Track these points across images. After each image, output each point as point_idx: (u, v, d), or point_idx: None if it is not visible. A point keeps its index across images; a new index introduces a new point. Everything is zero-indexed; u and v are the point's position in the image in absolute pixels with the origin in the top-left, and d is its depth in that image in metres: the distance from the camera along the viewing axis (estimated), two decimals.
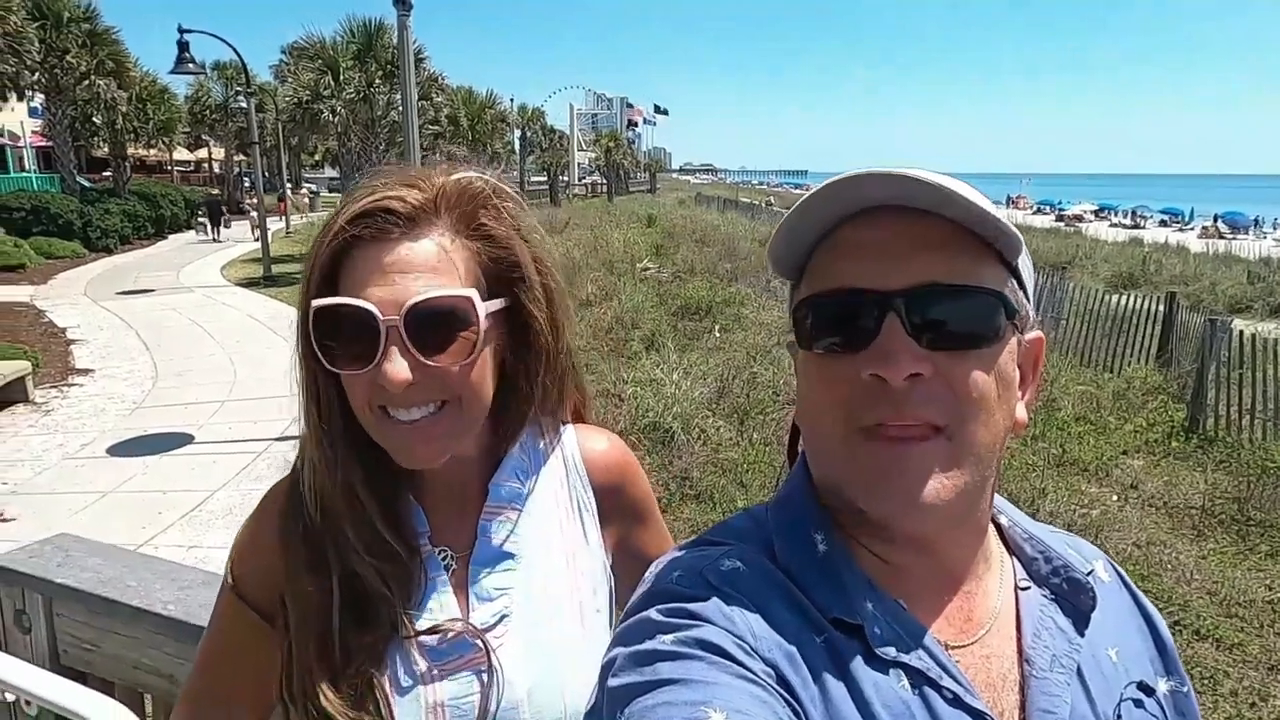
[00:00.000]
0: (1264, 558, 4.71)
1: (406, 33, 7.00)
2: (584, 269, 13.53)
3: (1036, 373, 0.66)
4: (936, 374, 0.57)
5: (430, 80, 18.13)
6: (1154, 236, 28.98)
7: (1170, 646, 0.71)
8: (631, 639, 0.56)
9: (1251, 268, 17.52)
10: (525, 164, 38.02)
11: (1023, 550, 0.68)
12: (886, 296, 0.57)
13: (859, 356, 0.58)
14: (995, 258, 0.60)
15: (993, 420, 0.59)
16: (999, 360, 0.59)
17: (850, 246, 0.60)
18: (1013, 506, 0.72)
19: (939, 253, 0.58)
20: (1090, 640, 0.64)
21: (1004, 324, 0.59)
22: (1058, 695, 0.60)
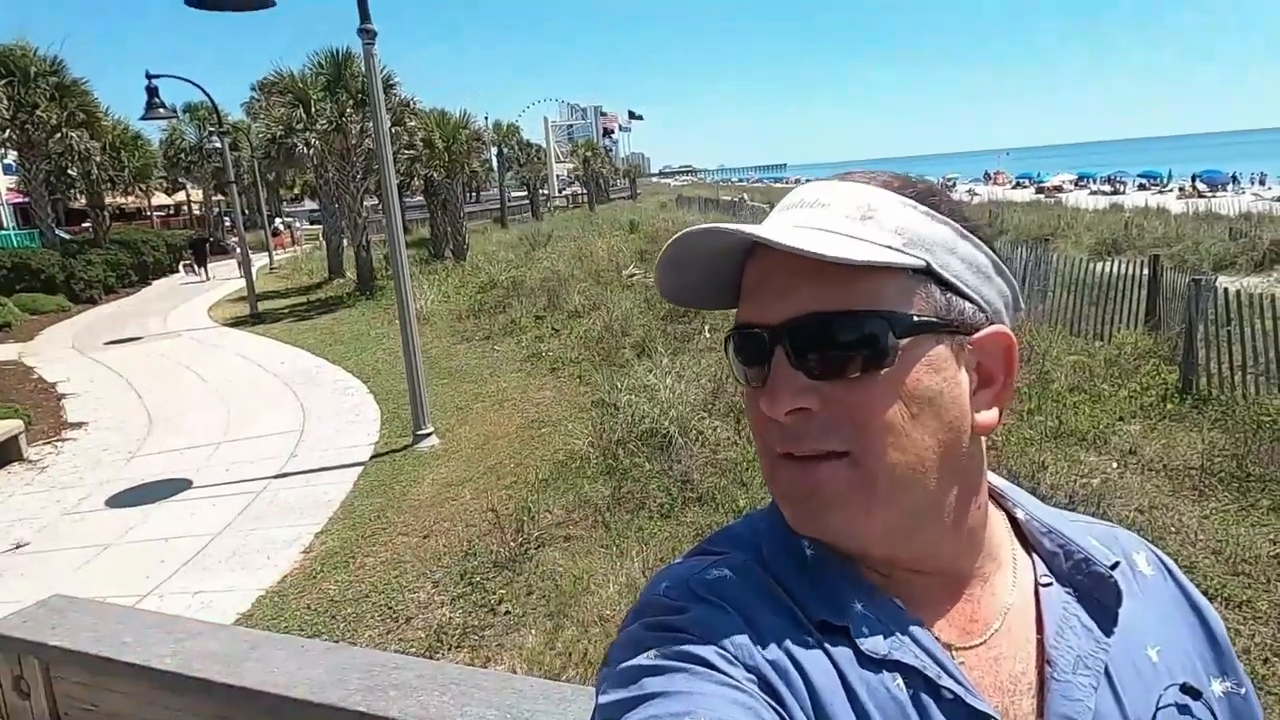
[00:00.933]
0: (1266, 512, 4.72)
1: (373, 61, 7.00)
2: (569, 281, 13.54)
3: (1008, 370, 0.61)
4: (826, 404, 0.56)
5: (402, 106, 18.12)
6: (1134, 201, 29.11)
7: (1225, 643, 0.67)
8: (620, 656, 0.57)
9: (1232, 224, 17.62)
10: (504, 180, 38.04)
11: (1042, 545, 0.66)
12: (773, 330, 0.58)
13: (760, 391, 0.59)
14: (895, 272, 0.57)
15: (907, 441, 0.56)
16: (904, 380, 0.57)
17: (748, 283, 0.61)
18: (1030, 497, 0.69)
19: (818, 279, 0.56)
20: (1125, 639, 0.61)
21: (893, 342, 0.56)
22: (1079, 699, 0.57)
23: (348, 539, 5.48)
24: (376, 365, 10.62)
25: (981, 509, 0.63)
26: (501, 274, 15.32)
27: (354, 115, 16.49)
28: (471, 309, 13.18)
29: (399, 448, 7.25)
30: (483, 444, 7.13)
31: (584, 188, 51.10)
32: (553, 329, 11.14)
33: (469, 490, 6.07)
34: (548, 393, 8.51)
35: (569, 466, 6.20)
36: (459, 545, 5.15)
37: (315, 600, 4.70)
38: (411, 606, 4.52)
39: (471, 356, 10.59)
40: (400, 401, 8.33)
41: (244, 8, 6.62)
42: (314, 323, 14.68)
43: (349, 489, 6.41)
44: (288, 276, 22.19)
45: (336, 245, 20.15)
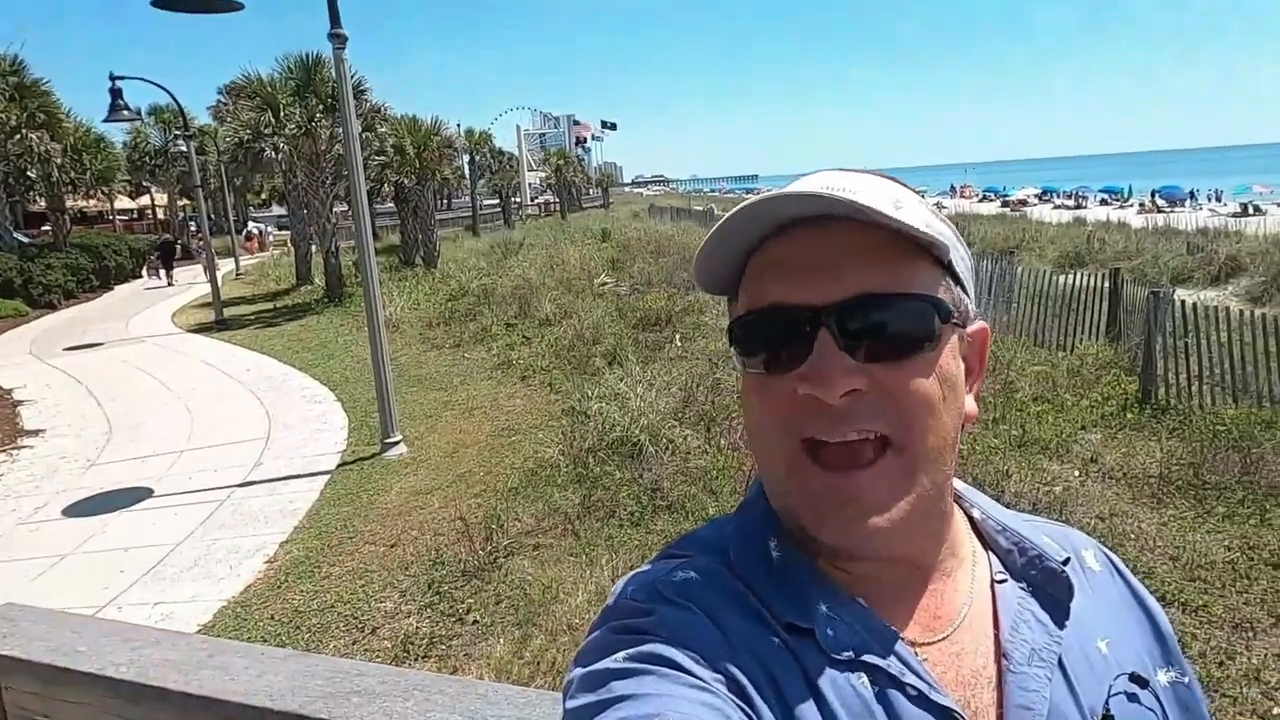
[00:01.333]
0: (1221, 519, 4.84)
1: (343, 66, 6.95)
2: (541, 289, 13.51)
3: (982, 363, 0.65)
4: (874, 386, 0.56)
5: (373, 111, 17.98)
6: (1096, 215, 29.72)
7: (1170, 636, 0.70)
8: (587, 659, 0.56)
9: (1190, 239, 18.06)
10: (476, 188, 37.86)
11: (997, 543, 0.67)
12: (817, 311, 0.57)
13: (794, 374, 0.57)
14: (928, 259, 0.59)
15: (940, 423, 0.58)
16: (939, 362, 0.59)
17: (779, 262, 0.60)
18: (985, 498, 0.71)
19: (867, 262, 0.57)
20: (1077, 632, 0.63)
21: (939, 327, 0.59)
22: (1035, 690, 0.59)
23: (313, 548, 5.40)
24: (344, 373, 10.50)
25: (950, 502, 0.65)
26: (473, 282, 15.24)
27: (324, 120, 16.34)
28: (442, 316, 13.09)
29: (367, 456, 7.17)
30: (452, 452, 7.08)
31: (556, 196, 51.05)
32: (524, 337, 11.10)
33: (438, 499, 6.02)
34: (518, 401, 8.48)
35: (539, 475, 6.17)
36: (427, 554, 5.10)
37: (279, 610, 4.63)
38: (378, 616, 4.46)
39: (441, 364, 10.51)
40: (369, 409, 8.25)
41: (211, 10, 6.55)
42: (281, 329, 14.48)
43: (315, 498, 6.33)
44: (254, 282, 21.87)
45: (305, 251, 19.91)
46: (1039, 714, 0.58)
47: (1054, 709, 0.59)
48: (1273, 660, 3.52)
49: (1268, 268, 13.96)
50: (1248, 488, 5.13)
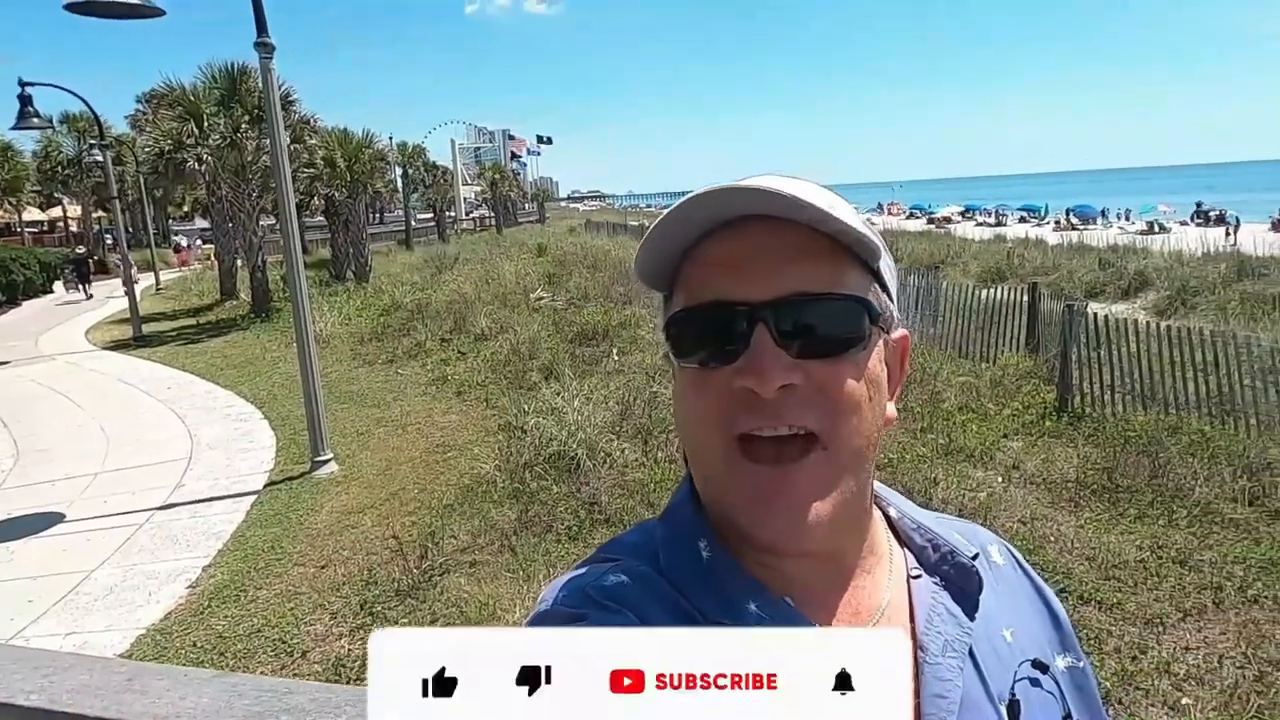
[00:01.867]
0: (1133, 521, 5.08)
1: (271, 76, 6.80)
2: (476, 303, 13.38)
3: (903, 369, 0.68)
4: (808, 381, 0.58)
5: (302, 123, 17.59)
6: (1015, 232, 30.95)
7: (1066, 624, 0.74)
8: None
9: (1102, 255, 18.95)
10: (410, 202, 37.35)
11: (912, 540, 0.70)
12: (754, 308, 0.58)
13: (730, 369, 0.59)
14: (857, 263, 0.62)
15: (864, 423, 0.60)
16: (868, 363, 0.61)
17: (716, 259, 0.61)
18: (901, 497, 0.73)
19: (804, 262, 0.59)
20: (984, 623, 0.66)
21: (869, 328, 0.61)
22: (949, 679, 0.62)
23: (238, 571, 5.22)
24: (272, 390, 10.19)
25: (871, 501, 0.68)
26: (406, 296, 15.00)
27: (250, 131, 15.90)
28: (374, 332, 12.84)
29: (296, 475, 6.96)
30: (385, 470, 6.93)
31: (491, 211, 50.69)
32: (459, 352, 10.97)
33: (370, 517, 5.89)
34: (453, 416, 8.36)
35: (475, 491, 6.10)
36: (359, 574, 4.97)
37: (202, 637, 4.45)
38: (307, 640, 4.33)
39: (374, 380, 10.30)
40: (298, 427, 8.02)
41: (130, 16, 6.33)
42: (204, 346, 13.98)
43: (241, 519, 6.11)
44: (176, 298, 21.07)
45: (230, 265, 19.29)
46: (953, 702, 0.61)
47: (966, 696, 0.61)
48: (1181, 653, 3.71)
49: (1172, 282, 14.77)
50: (1156, 490, 5.40)
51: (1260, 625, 3.89)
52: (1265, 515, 5.03)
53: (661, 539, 0.65)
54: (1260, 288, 13.02)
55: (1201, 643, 3.79)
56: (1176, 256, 17.51)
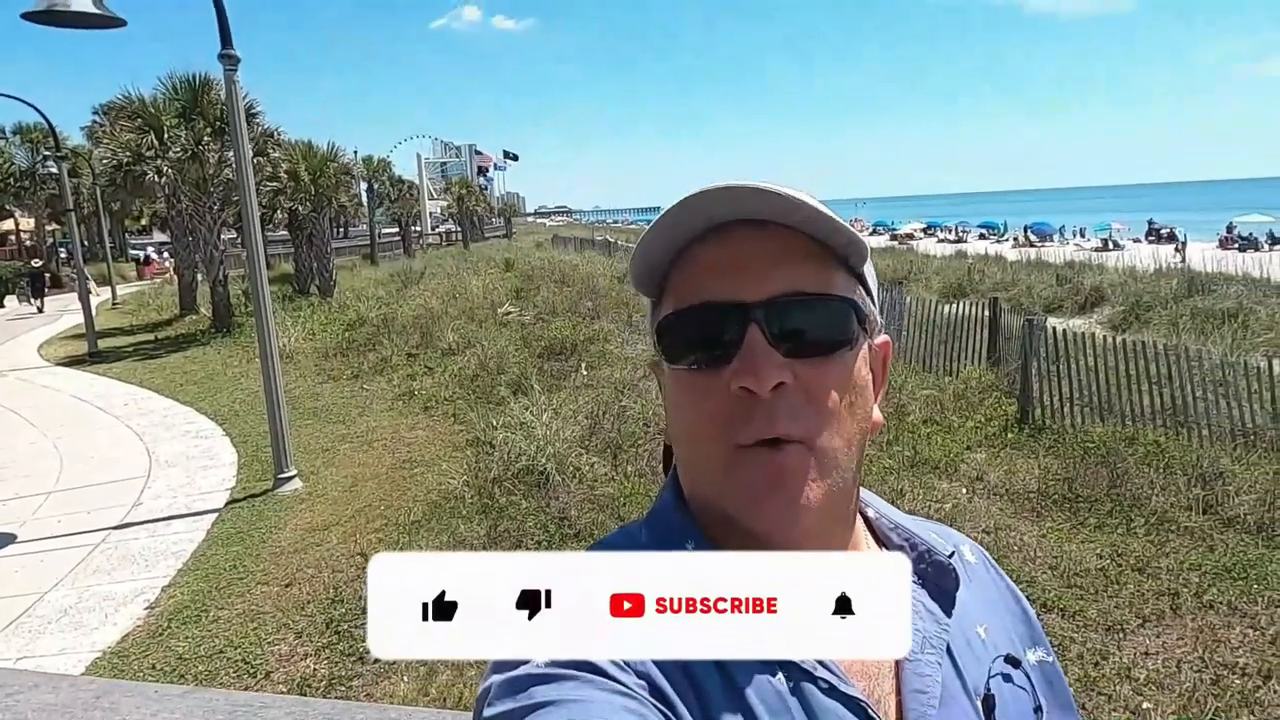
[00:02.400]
0: (1093, 530, 5.19)
1: (235, 88, 6.72)
2: (443, 318, 13.29)
3: (884, 374, 0.69)
4: (798, 382, 0.59)
5: (266, 136, 17.38)
6: (975, 249, 31.54)
7: (1034, 620, 0.76)
8: (506, 665, 0.55)
9: (1059, 271, 19.39)
10: (375, 216, 37.01)
11: (890, 540, 0.71)
12: (746, 308, 0.59)
13: (725, 370, 0.59)
14: (844, 266, 0.63)
15: (848, 425, 0.61)
16: (854, 366, 0.62)
17: (707, 262, 0.62)
18: (878, 499, 0.75)
19: (792, 263, 0.60)
20: (959, 620, 0.67)
21: (856, 330, 0.62)
22: (929, 675, 0.63)
23: (199, 591, 5.10)
24: (234, 406, 10.01)
25: (857, 501, 0.69)
26: (371, 311, 14.84)
27: (212, 144, 15.69)
28: (339, 347, 12.68)
29: (258, 492, 6.83)
30: (351, 486, 6.84)
31: (458, 225, 50.45)
32: (426, 367, 10.87)
33: (335, 534, 5.80)
34: (420, 432, 8.28)
35: (443, 507, 6.04)
36: (325, 592, 4.89)
37: (161, 659, 4.33)
38: (271, 660, 4.24)
39: (339, 396, 10.16)
40: (260, 444, 7.88)
41: (91, 25, 6.23)
42: (163, 361, 13.69)
43: (202, 538, 5.98)
44: (134, 312, 20.62)
45: (190, 280, 18.94)
46: (933, 697, 0.62)
47: (944, 691, 0.63)
48: (1141, 658, 3.79)
49: (1126, 298, 15.16)
50: (1115, 500, 5.52)
51: (1216, 630, 3.99)
52: (1218, 523, 5.16)
53: (646, 541, 0.66)
54: (1209, 303, 13.41)
55: (1160, 648, 3.87)
56: (1130, 272, 17.99)
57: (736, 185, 0.58)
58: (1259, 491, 5.38)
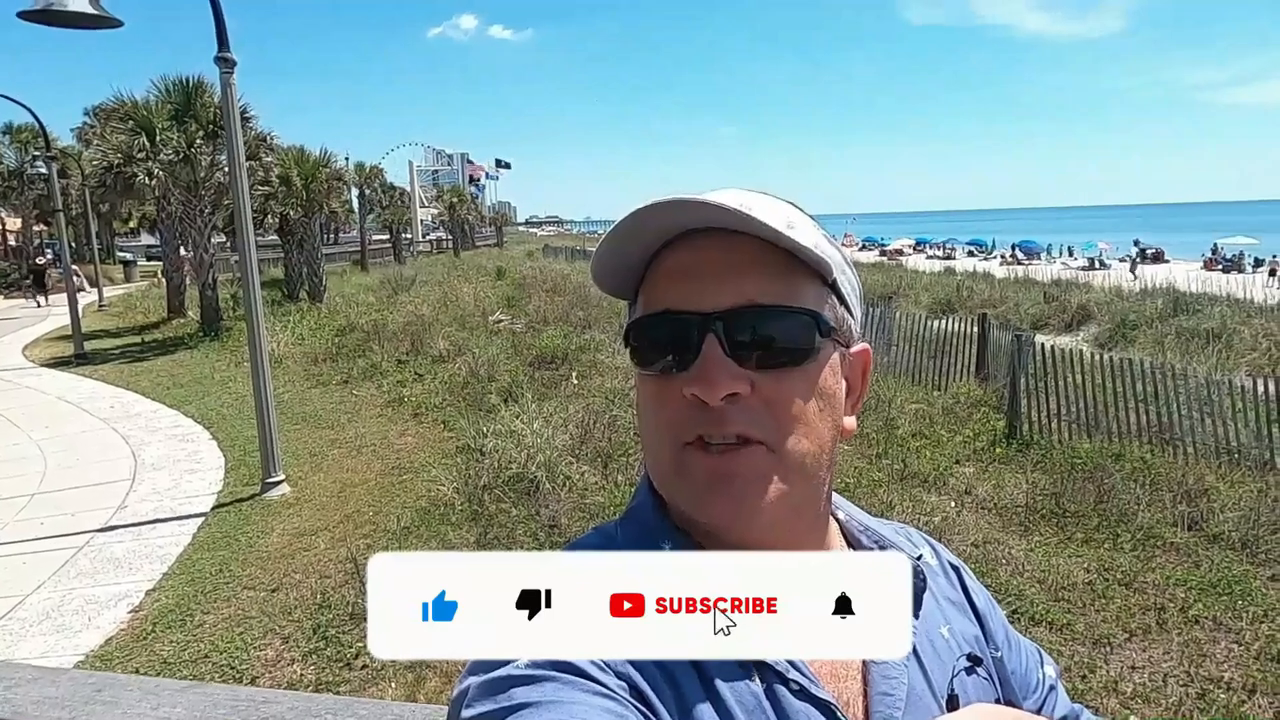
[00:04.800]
0: (1080, 544, 5.23)
1: (230, 91, 6.71)
2: (435, 325, 13.27)
3: (864, 383, 0.69)
4: (755, 392, 0.59)
5: (258, 140, 17.33)
6: (963, 265, 31.82)
7: (987, 617, 0.77)
8: (485, 667, 0.55)
9: (1046, 289, 19.59)
10: (366, 223, 36.92)
11: (860, 542, 0.72)
12: (705, 318, 0.60)
13: (682, 377, 0.60)
14: (815, 278, 0.63)
15: (813, 433, 0.62)
16: (818, 376, 0.62)
17: (671, 269, 0.63)
18: (849, 502, 0.75)
19: (756, 275, 0.60)
20: (924, 622, 0.68)
21: (819, 341, 0.62)
22: (895, 677, 0.64)
23: (185, 595, 5.05)
24: (221, 410, 9.94)
25: (829, 505, 0.70)
26: (362, 317, 14.80)
27: (204, 147, 15.61)
28: (329, 352, 12.62)
29: (246, 497, 6.78)
30: (339, 492, 6.80)
31: (449, 234, 50.41)
32: (416, 374, 10.84)
33: (323, 540, 5.76)
34: (410, 439, 8.25)
35: (432, 514, 6.01)
36: (312, 598, 4.85)
37: (145, 663, 4.29)
38: (257, 665, 4.20)
39: (328, 401, 10.11)
40: (248, 448, 7.83)
41: (88, 25, 6.21)
42: (150, 364, 13.58)
43: (188, 541, 5.93)
44: (121, 315, 20.45)
45: (178, 283, 18.83)
46: (899, 698, 0.63)
47: (911, 692, 0.64)
48: (1128, 672, 3.82)
49: (1112, 316, 15.32)
50: (1102, 515, 5.56)
51: (1201, 645, 4.03)
52: (1203, 539, 5.21)
53: (622, 541, 0.66)
54: (1194, 323, 13.57)
55: (1147, 662, 3.90)
56: (1116, 291, 18.18)
57: (692, 199, 0.58)
58: (1243, 509, 5.44)
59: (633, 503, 0.70)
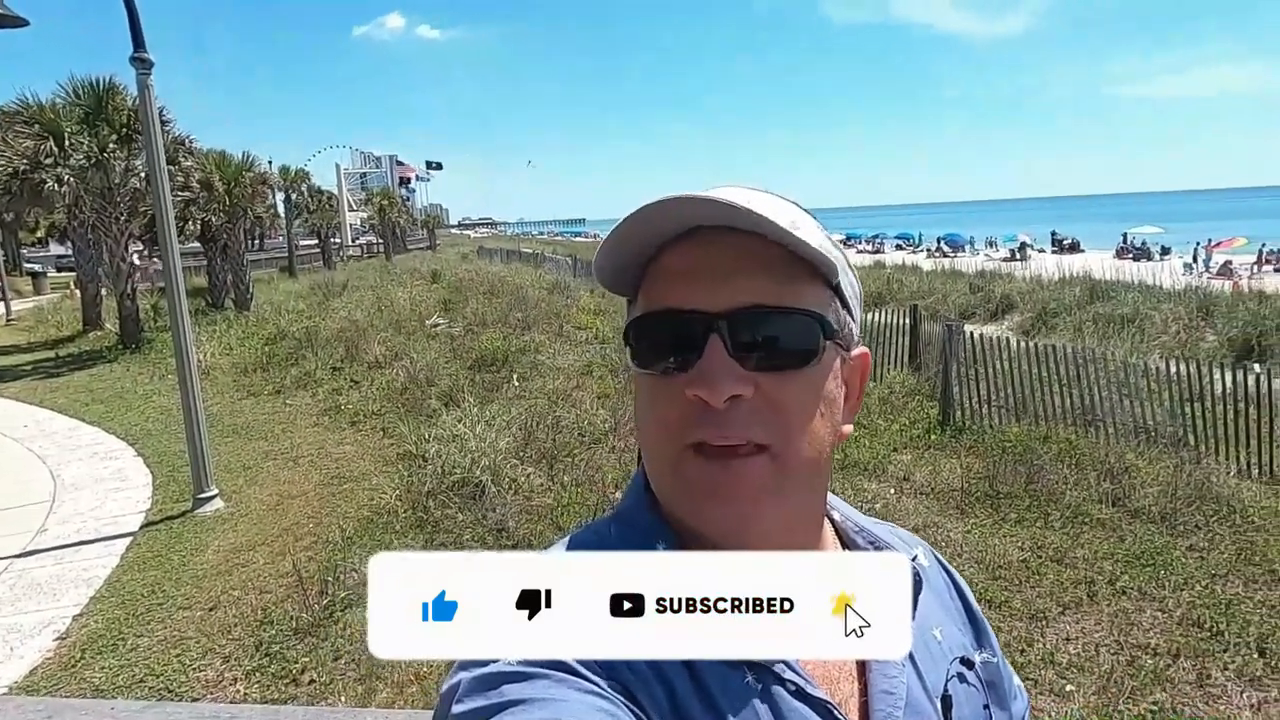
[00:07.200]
0: (1014, 524, 5.43)
1: (148, 92, 6.45)
2: (370, 330, 12.99)
3: (862, 387, 0.68)
4: (758, 394, 0.58)
5: (177, 143, 16.67)
6: (892, 259, 32.65)
7: (982, 621, 0.78)
8: (474, 663, 0.54)
9: (971, 281, 20.24)
10: (293, 228, 35.88)
11: (855, 543, 0.72)
12: (710, 318, 0.58)
13: (683, 377, 0.59)
14: (819, 280, 0.62)
15: (815, 438, 0.61)
16: (820, 380, 0.61)
17: (675, 267, 0.61)
18: (844, 502, 0.75)
19: (760, 274, 0.59)
20: (919, 623, 0.67)
21: (823, 343, 0.61)
22: (894, 677, 0.64)
23: (115, 619, 4.84)
24: (146, 425, 9.55)
25: (824, 506, 0.71)
26: (293, 325, 14.38)
27: (119, 151, 14.95)
28: (259, 362, 12.23)
29: (176, 514, 6.53)
30: (276, 504, 6.60)
31: (380, 237, 49.37)
32: (352, 381, 10.60)
33: (262, 554, 5.59)
34: (348, 447, 8.06)
35: (375, 522, 5.89)
36: (252, 615, 4.70)
37: (75, 691, 4.07)
38: (198, 687, 4.04)
39: (261, 412, 9.81)
40: (176, 464, 7.55)
41: None
42: (66, 380, 12.94)
43: (116, 563, 5.68)
44: (31, 329, 19.45)
45: (93, 294, 18.00)
46: (899, 698, 0.64)
47: (908, 693, 0.64)
48: (1063, 644, 3.98)
49: (1034, 305, 15.92)
50: (1032, 495, 5.79)
51: (1129, 614, 4.23)
52: (1126, 514, 5.47)
53: (616, 540, 0.65)
54: (1110, 309, 14.21)
55: (1080, 633, 4.08)
56: (1037, 281, 18.90)
57: (701, 196, 0.57)
58: (1161, 484, 5.73)
59: (626, 500, 0.69)
